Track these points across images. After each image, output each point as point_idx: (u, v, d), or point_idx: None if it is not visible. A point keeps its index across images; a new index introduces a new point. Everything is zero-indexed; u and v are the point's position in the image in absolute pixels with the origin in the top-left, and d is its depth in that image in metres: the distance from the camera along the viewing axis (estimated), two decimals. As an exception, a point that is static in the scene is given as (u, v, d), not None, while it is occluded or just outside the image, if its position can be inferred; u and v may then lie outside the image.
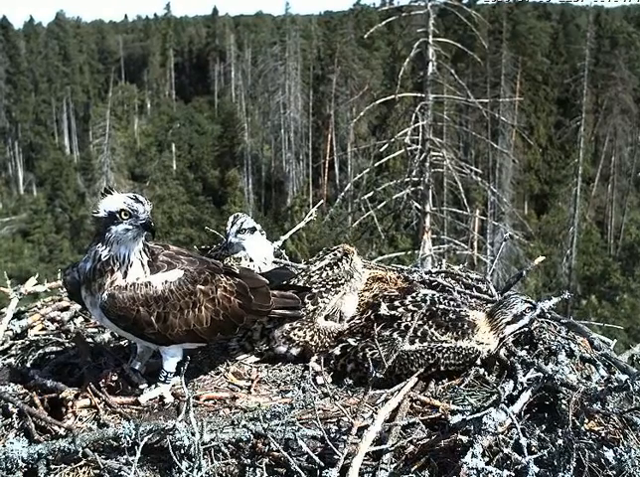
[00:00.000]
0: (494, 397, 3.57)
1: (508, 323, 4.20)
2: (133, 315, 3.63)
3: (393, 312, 4.25)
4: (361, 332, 4.31)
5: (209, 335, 3.88)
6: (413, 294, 4.39)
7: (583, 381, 3.83)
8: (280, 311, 4.22)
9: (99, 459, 3.29)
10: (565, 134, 57.86)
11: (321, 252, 4.95)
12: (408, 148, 24.44)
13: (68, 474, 3.36)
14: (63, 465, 3.37)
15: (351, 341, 4.24)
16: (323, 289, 4.51)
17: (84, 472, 3.35)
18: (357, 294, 4.74)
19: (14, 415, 3.72)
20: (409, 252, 28.33)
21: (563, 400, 3.54)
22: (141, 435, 3.24)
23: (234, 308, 3.91)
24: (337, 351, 4.26)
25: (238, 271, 4.10)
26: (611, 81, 58.16)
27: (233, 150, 68.87)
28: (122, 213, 3.51)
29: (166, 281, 3.68)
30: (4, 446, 3.37)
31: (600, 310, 42.96)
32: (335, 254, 4.78)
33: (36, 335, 4.83)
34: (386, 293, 4.60)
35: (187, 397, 3.41)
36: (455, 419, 3.30)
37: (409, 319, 4.16)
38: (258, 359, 4.39)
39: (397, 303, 4.31)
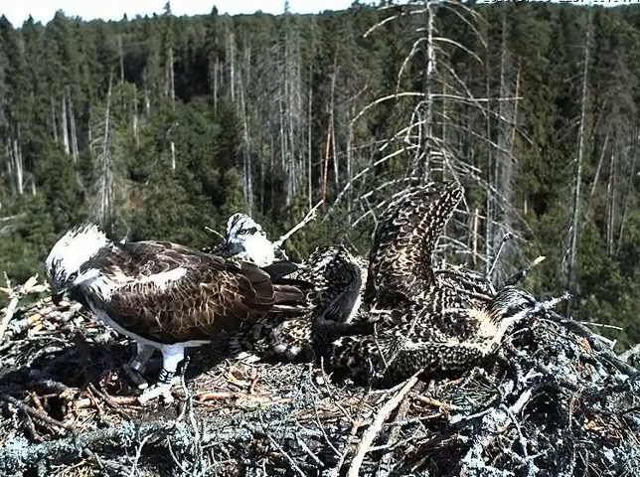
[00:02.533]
0: (494, 397, 3.57)
1: (504, 315, 4.19)
2: (137, 315, 3.63)
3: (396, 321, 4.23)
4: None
5: (213, 332, 3.88)
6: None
7: (583, 381, 3.83)
8: (282, 306, 4.22)
9: (99, 459, 3.29)
10: (565, 134, 57.86)
11: (315, 253, 4.94)
12: (408, 147, 24.44)
13: (68, 474, 3.36)
14: (63, 465, 3.37)
15: (353, 337, 4.23)
16: (326, 288, 4.50)
17: (84, 472, 3.35)
18: (359, 294, 4.74)
19: (14, 415, 3.72)
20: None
21: (563, 400, 3.54)
22: (141, 435, 3.24)
23: (237, 304, 3.91)
24: (338, 343, 4.23)
25: (240, 266, 4.09)
26: (611, 81, 58.19)
27: (232, 149, 68.86)
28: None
29: (169, 281, 3.68)
30: (4, 446, 3.37)
31: (601, 310, 42.98)
32: (331, 251, 4.79)
33: (36, 335, 4.83)
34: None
35: (187, 397, 3.41)
36: (455, 419, 3.30)
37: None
38: (259, 359, 4.39)
39: (401, 310, 4.28)
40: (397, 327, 4.16)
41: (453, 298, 4.34)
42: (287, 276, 4.56)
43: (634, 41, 64.25)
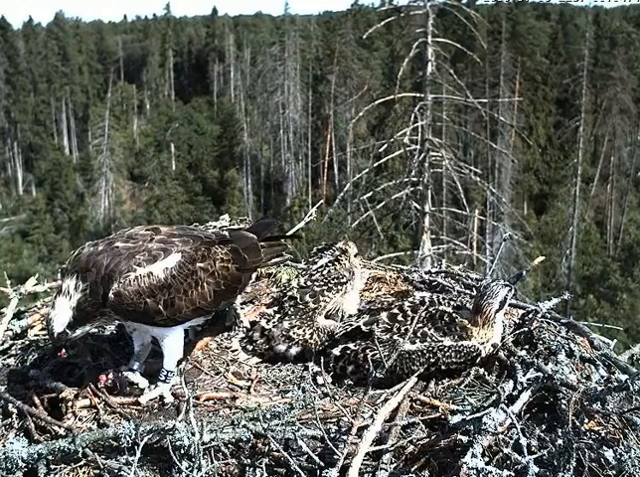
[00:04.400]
0: (494, 397, 3.57)
1: (496, 311, 4.17)
2: (142, 308, 3.67)
3: (394, 323, 4.22)
4: (360, 334, 4.28)
5: (213, 306, 3.98)
6: (410, 299, 4.37)
7: (583, 381, 3.83)
8: (272, 261, 4.47)
9: (99, 459, 3.30)
10: (565, 134, 57.91)
11: (315, 250, 4.95)
12: (407, 148, 24.43)
13: (68, 474, 3.36)
14: (63, 465, 3.38)
15: (351, 345, 4.23)
16: (325, 288, 4.49)
17: (84, 472, 3.35)
18: (358, 293, 4.74)
19: (14, 415, 3.73)
20: (409, 252, 28.32)
21: (563, 400, 3.53)
22: (141, 435, 3.24)
23: (232, 274, 4.01)
24: (337, 352, 4.24)
25: (229, 235, 4.19)
26: (610, 81, 58.21)
27: (232, 150, 68.89)
28: None
29: (167, 268, 3.71)
30: (4, 446, 3.37)
31: (600, 310, 42.96)
32: (333, 251, 4.79)
33: (36, 335, 4.82)
34: (382, 299, 4.58)
35: (187, 397, 3.41)
36: (455, 419, 3.30)
37: (409, 323, 4.15)
38: (259, 360, 4.38)
39: (395, 311, 4.28)
40: (394, 330, 4.15)
41: (447, 297, 4.39)
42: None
43: (634, 41, 64.31)
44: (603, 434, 3.42)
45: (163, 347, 3.93)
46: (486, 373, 4.05)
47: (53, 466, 3.37)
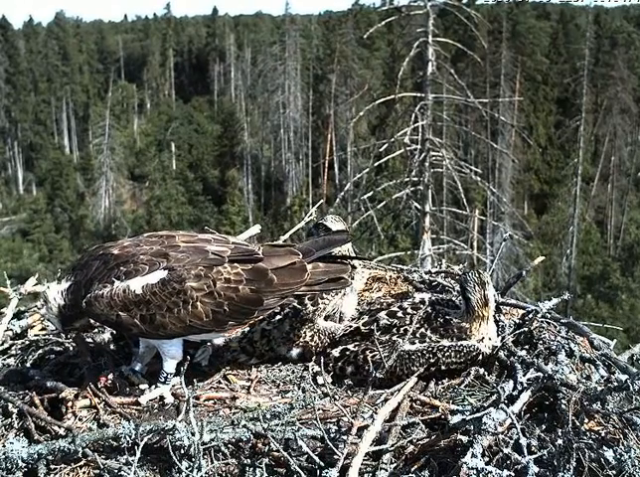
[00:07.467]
0: (494, 397, 3.57)
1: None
2: (114, 319, 3.66)
3: (393, 320, 4.23)
4: (359, 335, 4.28)
5: (215, 325, 3.79)
6: (410, 300, 4.37)
7: (583, 381, 3.83)
8: (321, 286, 3.99)
9: (99, 459, 3.30)
10: (565, 134, 57.89)
11: None
12: (408, 148, 24.39)
13: (68, 474, 3.36)
14: (63, 465, 3.38)
15: (350, 346, 4.23)
16: None
17: (84, 472, 3.35)
18: (357, 294, 4.74)
19: (14, 415, 3.72)
20: (409, 252, 28.31)
21: (563, 400, 3.53)
22: (141, 435, 3.24)
23: (244, 296, 3.77)
24: (336, 353, 4.24)
25: (260, 252, 3.89)
26: (611, 81, 58.21)
27: (232, 150, 68.88)
28: None
29: (146, 285, 3.64)
30: (4, 446, 3.37)
31: (597, 311, 42.96)
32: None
33: (36, 335, 4.82)
34: (382, 300, 4.59)
35: (187, 397, 3.40)
36: (455, 419, 3.30)
37: (408, 322, 4.15)
38: (259, 360, 4.38)
39: (394, 308, 4.28)
40: (394, 330, 4.16)
41: (445, 298, 4.41)
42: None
43: (634, 41, 64.34)
44: (603, 434, 3.42)
45: (162, 353, 3.92)
46: (486, 373, 4.05)
47: (53, 466, 3.37)
